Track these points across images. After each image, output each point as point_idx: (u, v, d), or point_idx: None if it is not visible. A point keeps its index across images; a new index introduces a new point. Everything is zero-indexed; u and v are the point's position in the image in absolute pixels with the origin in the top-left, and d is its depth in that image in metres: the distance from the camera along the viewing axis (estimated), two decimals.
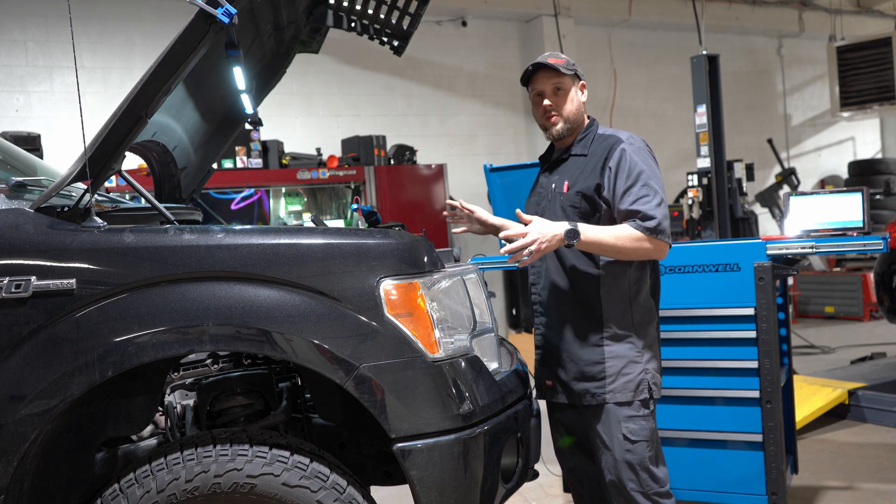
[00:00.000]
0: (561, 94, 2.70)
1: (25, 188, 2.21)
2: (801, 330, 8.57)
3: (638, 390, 2.63)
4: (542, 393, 2.83)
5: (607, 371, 2.62)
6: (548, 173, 2.81)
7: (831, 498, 3.95)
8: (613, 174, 2.60)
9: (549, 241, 2.47)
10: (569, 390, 2.70)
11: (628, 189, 2.57)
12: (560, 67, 2.67)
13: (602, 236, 2.54)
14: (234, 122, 3.46)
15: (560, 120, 2.71)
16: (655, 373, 2.69)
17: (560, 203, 2.69)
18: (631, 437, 2.62)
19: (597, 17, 9.64)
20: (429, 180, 7.74)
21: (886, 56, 9.96)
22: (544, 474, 3.99)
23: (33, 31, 6.93)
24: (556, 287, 2.72)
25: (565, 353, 2.70)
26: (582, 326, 2.67)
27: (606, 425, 2.64)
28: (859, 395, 5.28)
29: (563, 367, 2.71)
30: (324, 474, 2.01)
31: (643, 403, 2.65)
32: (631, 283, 2.67)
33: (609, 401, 2.62)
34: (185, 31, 2.02)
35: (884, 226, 6.57)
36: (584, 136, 2.74)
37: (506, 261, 2.60)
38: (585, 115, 2.79)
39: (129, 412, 2.17)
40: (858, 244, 3.38)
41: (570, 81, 2.70)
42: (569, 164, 2.74)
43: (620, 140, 2.65)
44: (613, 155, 2.62)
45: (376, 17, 3.21)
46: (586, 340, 2.66)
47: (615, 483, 2.65)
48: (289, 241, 2.02)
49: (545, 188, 2.79)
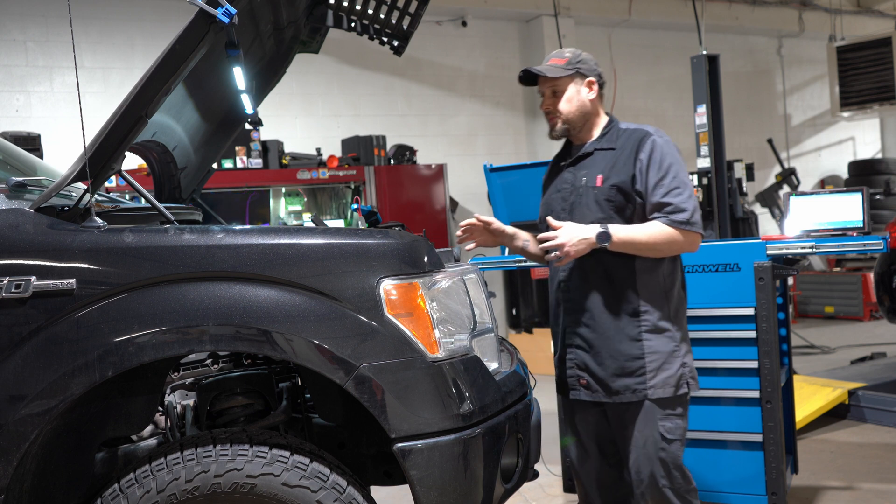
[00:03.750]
0: (557, 95, 2.70)
1: (25, 188, 2.21)
2: (801, 330, 8.57)
3: (678, 385, 2.61)
4: (564, 390, 2.77)
5: (648, 366, 2.59)
6: (572, 168, 2.77)
7: (831, 498, 3.95)
8: (645, 166, 2.59)
9: (578, 246, 2.49)
10: (607, 387, 2.64)
11: (660, 181, 2.57)
12: (547, 72, 2.66)
13: (634, 235, 2.53)
14: (234, 122, 3.45)
15: (558, 121, 2.72)
16: (692, 366, 2.66)
17: (594, 196, 2.65)
18: (667, 435, 2.60)
19: (597, 17, 9.63)
20: (429, 180, 7.74)
21: (886, 56, 9.96)
22: (544, 474, 3.99)
23: (33, 31, 6.93)
24: (590, 283, 2.67)
25: (603, 350, 2.64)
26: (619, 321, 2.63)
27: (643, 423, 2.61)
28: (859, 395, 5.28)
29: (600, 364, 2.65)
30: (324, 474, 2.01)
31: (680, 400, 2.63)
32: (665, 276, 2.65)
33: (650, 396, 2.59)
34: (185, 31, 2.02)
35: (884, 226, 6.56)
36: (607, 130, 2.73)
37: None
38: (600, 109, 2.76)
39: (129, 412, 2.17)
40: (858, 244, 3.38)
41: (567, 82, 2.69)
42: (595, 158, 2.71)
43: (649, 132, 2.65)
44: (644, 147, 2.61)
45: (376, 17, 3.21)
46: (625, 335, 2.62)
47: (646, 482, 2.61)
48: (289, 241, 2.02)
49: (571, 183, 2.74)
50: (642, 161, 2.60)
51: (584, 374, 2.70)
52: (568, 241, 2.49)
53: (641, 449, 2.61)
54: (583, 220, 2.63)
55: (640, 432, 2.61)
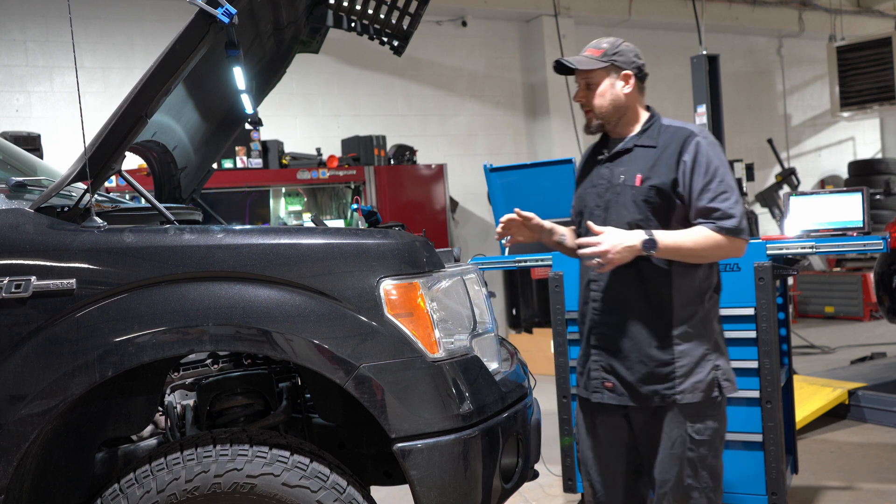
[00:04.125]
0: (591, 88, 2.59)
1: (25, 188, 2.21)
2: (801, 330, 8.57)
3: (708, 390, 2.53)
4: (587, 391, 2.68)
5: (677, 371, 2.51)
6: (608, 164, 2.64)
7: (831, 498, 3.95)
8: (689, 169, 2.49)
9: (623, 254, 2.40)
10: (635, 392, 2.55)
11: (706, 185, 2.47)
12: (578, 64, 2.56)
13: (680, 241, 2.44)
14: (234, 122, 3.46)
15: (592, 115, 2.62)
16: (725, 368, 2.58)
17: (631, 196, 2.53)
18: (696, 436, 2.53)
19: (597, 17, 9.64)
20: (429, 180, 7.75)
21: (886, 56, 9.96)
22: (544, 474, 3.99)
23: (33, 31, 6.93)
24: (622, 285, 2.57)
25: (633, 354, 2.55)
26: (651, 325, 2.53)
27: (670, 426, 2.53)
28: (859, 395, 5.28)
29: (629, 368, 2.55)
30: (324, 474, 2.01)
31: (711, 404, 2.55)
32: (701, 280, 2.56)
33: (679, 402, 2.51)
34: (185, 31, 2.02)
35: (884, 226, 6.56)
36: (648, 125, 2.62)
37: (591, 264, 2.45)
38: (639, 104, 2.65)
39: (129, 412, 2.17)
40: (858, 244, 3.38)
41: (601, 75, 2.58)
42: (635, 155, 2.59)
43: (693, 132, 2.54)
44: (688, 148, 2.50)
45: (376, 17, 3.21)
46: (656, 340, 2.53)
47: (671, 481, 2.54)
48: (289, 241, 2.02)
49: (607, 179, 2.62)
50: (686, 164, 2.49)
51: (610, 376, 2.60)
52: (612, 248, 2.38)
53: (669, 450, 2.54)
54: (619, 219, 2.54)
55: (667, 435, 2.54)
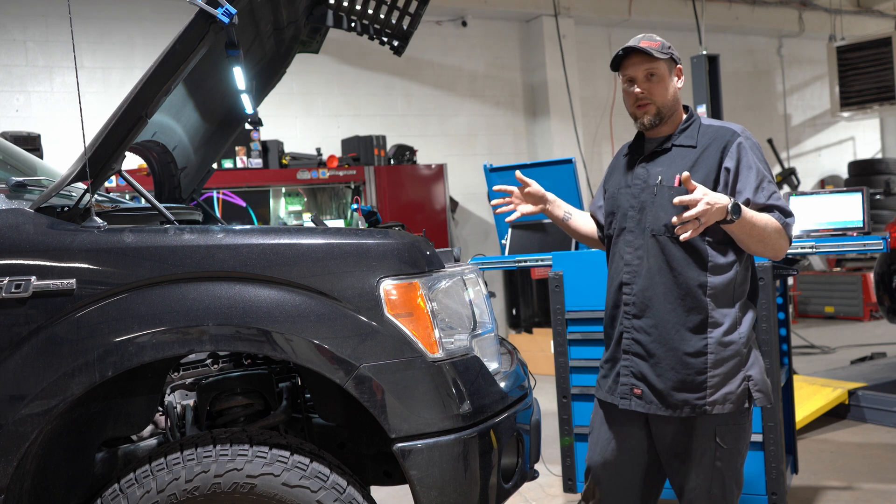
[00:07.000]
0: (655, 80, 2.48)
1: (25, 188, 2.21)
2: (801, 330, 8.57)
3: (739, 402, 2.46)
4: (613, 396, 2.58)
5: (709, 381, 2.43)
6: (645, 163, 2.56)
7: (831, 498, 3.95)
8: (734, 171, 2.44)
9: (716, 215, 2.32)
10: (665, 400, 2.46)
11: (759, 185, 2.43)
12: (654, 51, 2.45)
13: (755, 218, 2.39)
14: (234, 122, 3.46)
15: (653, 108, 2.50)
16: (758, 379, 2.50)
17: (669, 197, 2.43)
18: (722, 444, 2.48)
19: (597, 17, 9.63)
20: (429, 180, 7.75)
21: (886, 56, 9.95)
22: (544, 474, 3.99)
23: (33, 31, 6.93)
24: (658, 289, 2.48)
25: (665, 361, 2.46)
26: (685, 332, 2.45)
27: (699, 436, 2.48)
28: (859, 395, 5.28)
29: (660, 375, 2.47)
30: (324, 474, 2.01)
31: (742, 412, 2.50)
32: (737, 285, 2.48)
33: (709, 412, 2.44)
34: (185, 31, 2.02)
35: (884, 226, 6.57)
36: (687, 125, 2.54)
37: (676, 230, 2.35)
38: (681, 103, 2.58)
39: (129, 412, 2.17)
40: (858, 244, 3.38)
41: (666, 66, 2.49)
42: (673, 155, 2.51)
43: (736, 133, 2.47)
44: (731, 150, 2.45)
45: (376, 17, 3.21)
46: (689, 347, 2.44)
47: (697, 489, 2.50)
48: (289, 241, 2.02)
49: (643, 180, 2.53)
50: (729, 170, 2.44)
51: (641, 383, 2.50)
52: (714, 204, 2.29)
53: (698, 460, 2.49)
54: (655, 221, 2.48)
55: (696, 445, 2.49)
